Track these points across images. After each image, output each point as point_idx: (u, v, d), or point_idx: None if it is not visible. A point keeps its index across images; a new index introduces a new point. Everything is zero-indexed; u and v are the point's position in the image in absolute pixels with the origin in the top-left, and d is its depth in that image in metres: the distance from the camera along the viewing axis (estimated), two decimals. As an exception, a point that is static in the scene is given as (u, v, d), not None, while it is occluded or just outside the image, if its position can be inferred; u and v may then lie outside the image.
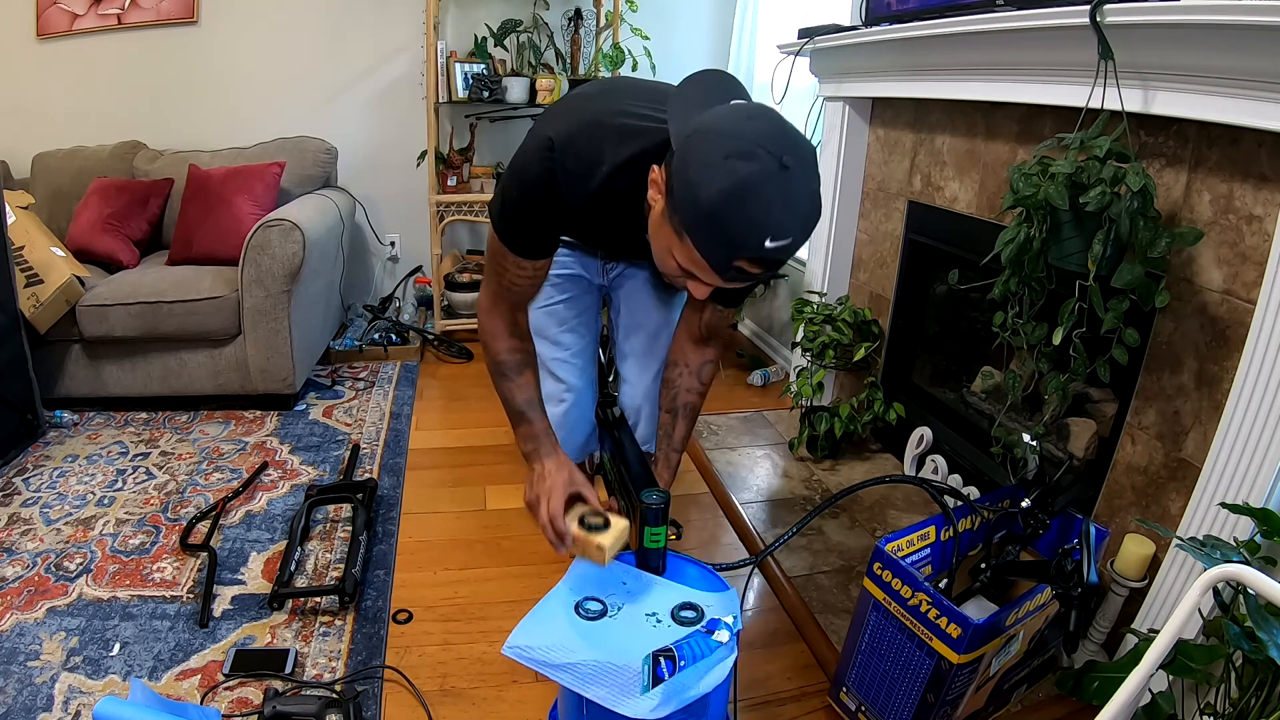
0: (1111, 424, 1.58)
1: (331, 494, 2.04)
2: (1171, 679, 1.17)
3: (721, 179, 0.84)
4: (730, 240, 0.86)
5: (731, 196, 0.84)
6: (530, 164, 1.07)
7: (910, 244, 2.21)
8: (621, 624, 1.05)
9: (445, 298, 3.29)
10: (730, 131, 0.86)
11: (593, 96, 1.15)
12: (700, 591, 1.13)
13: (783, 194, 0.85)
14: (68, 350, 2.46)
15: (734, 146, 0.84)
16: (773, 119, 0.89)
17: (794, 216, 0.87)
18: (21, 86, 3.04)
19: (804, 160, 0.87)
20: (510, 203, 1.11)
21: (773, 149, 0.84)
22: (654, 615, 1.08)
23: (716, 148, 0.85)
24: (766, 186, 0.84)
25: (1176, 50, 1.22)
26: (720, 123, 0.88)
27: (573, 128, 1.06)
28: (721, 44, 3.47)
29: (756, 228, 0.85)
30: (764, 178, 0.83)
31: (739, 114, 0.89)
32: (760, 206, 0.84)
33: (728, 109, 0.91)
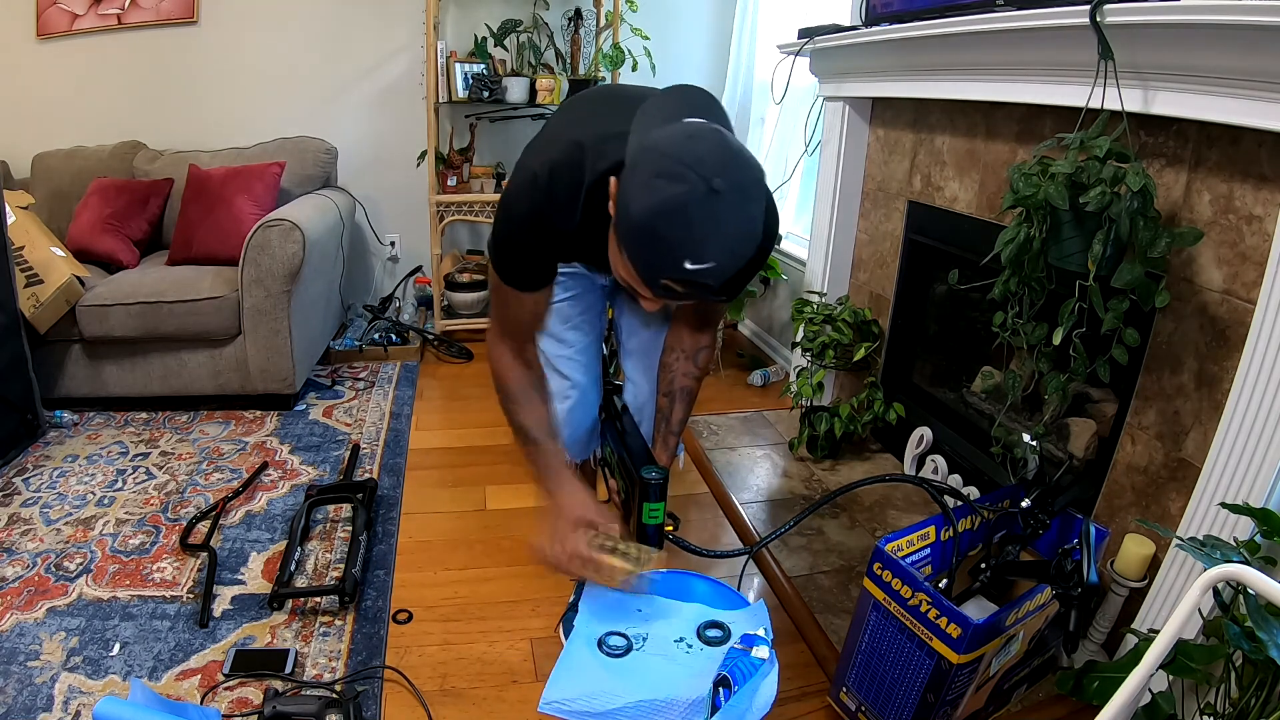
0: (1111, 424, 1.58)
1: (331, 494, 2.04)
2: (1171, 679, 1.17)
3: (648, 197, 0.85)
4: (653, 258, 0.87)
5: (655, 215, 0.84)
6: (518, 200, 1.10)
7: (910, 244, 2.21)
8: (652, 655, 1.04)
9: (445, 298, 3.29)
10: (666, 150, 0.86)
11: (572, 121, 1.17)
12: (721, 610, 1.13)
13: (707, 218, 0.84)
14: (68, 350, 2.46)
15: (664, 166, 0.84)
16: (715, 140, 0.88)
17: (718, 241, 0.85)
18: (21, 86, 3.04)
19: (741, 186, 0.86)
20: (503, 239, 1.13)
21: (704, 171, 0.83)
22: (682, 640, 1.07)
23: (650, 166, 0.86)
24: (690, 209, 0.83)
25: (1176, 50, 1.22)
26: (662, 141, 0.88)
27: (554, 157, 1.07)
28: (721, 44, 3.47)
29: (676, 249, 0.85)
30: (688, 200, 0.83)
31: (682, 133, 0.89)
32: (681, 228, 0.84)
33: (677, 127, 0.91)
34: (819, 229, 2.56)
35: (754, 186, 0.88)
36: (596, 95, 1.25)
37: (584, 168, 1.05)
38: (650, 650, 1.05)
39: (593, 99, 1.24)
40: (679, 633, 1.09)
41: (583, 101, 1.24)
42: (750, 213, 0.87)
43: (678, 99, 1.05)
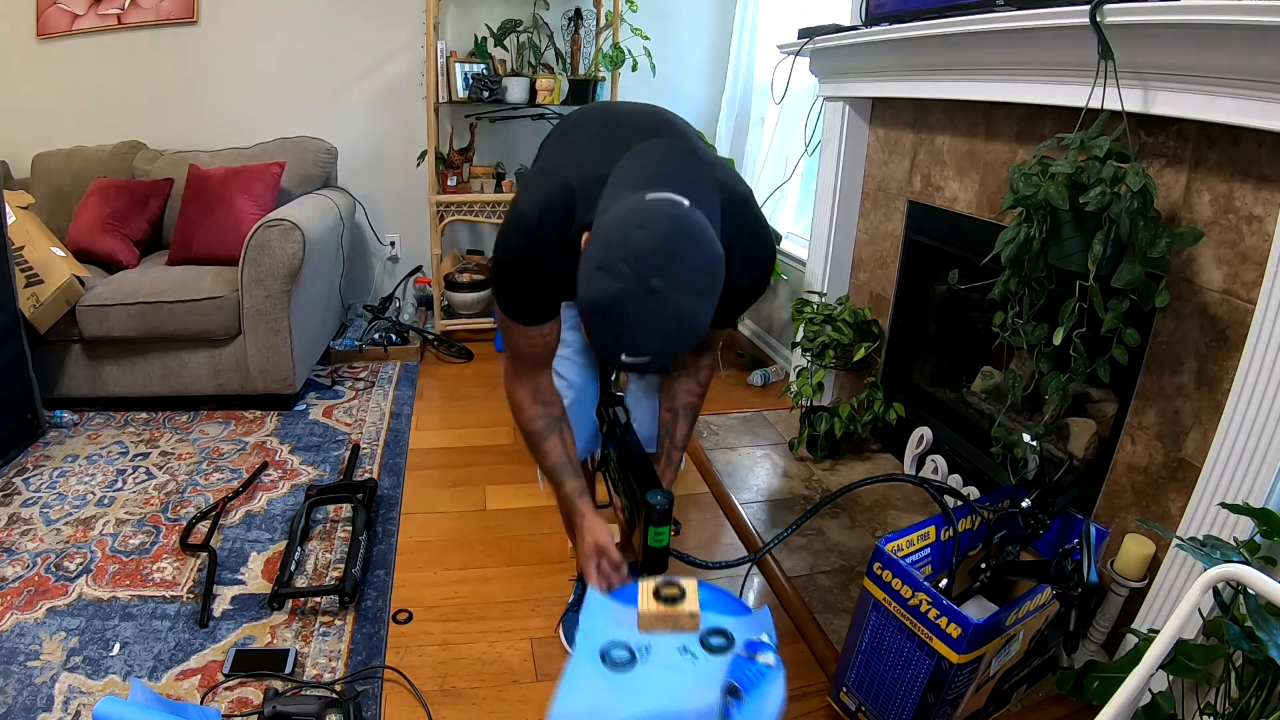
0: (1111, 424, 1.58)
1: (331, 494, 2.04)
2: (1171, 679, 1.17)
3: (589, 287, 0.87)
4: (595, 340, 0.91)
5: (594, 308, 0.87)
6: (511, 240, 1.11)
7: (910, 244, 2.21)
8: (657, 666, 1.03)
9: (445, 298, 3.29)
10: (611, 240, 0.87)
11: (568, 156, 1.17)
12: (722, 615, 1.12)
13: (642, 317, 0.85)
14: (68, 350, 2.46)
15: (606, 259, 0.86)
16: (664, 230, 0.87)
17: (652, 338, 0.87)
18: (21, 86, 3.04)
19: (682, 281, 0.86)
20: (502, 278, 1.15)
21: (643, 269, 0.84)
22: (685, 649, 1.07)
23: (595, 254, 0.88)
24: (625, 307, 0.85)
25: (1176, 50, 1.22)
26: (610, 227, 0.89)
27: (545, 199, 1.07)
28: (721, 44, 3.47)
29: (612, 341, 0.88)
30: (624, 297, 0.85)
31: (634, 220, 0.88)
32: (617, 324, 0.87)
33: (634, 208, 0.90)
34: (819, 229, 2.56)
35: (699, 279, 0.88)
36: (596, 122, 1.23)
37: (573, 211, 1.05)
38: (654, 661, 1.05)
39: (592, 126, 1.22)
40: (681, 641, 1.08)
41: (581, 130, 1.23)
42: (688, 309, 0.88)
43: (653, 160, 1.03)
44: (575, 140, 1.20)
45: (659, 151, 1.06)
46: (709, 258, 0.89)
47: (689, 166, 1.06)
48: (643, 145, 1.06)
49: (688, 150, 1.09)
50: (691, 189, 0.96)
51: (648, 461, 1.40)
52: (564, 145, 1.22)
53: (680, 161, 1.06)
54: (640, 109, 1.25)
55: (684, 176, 1.01)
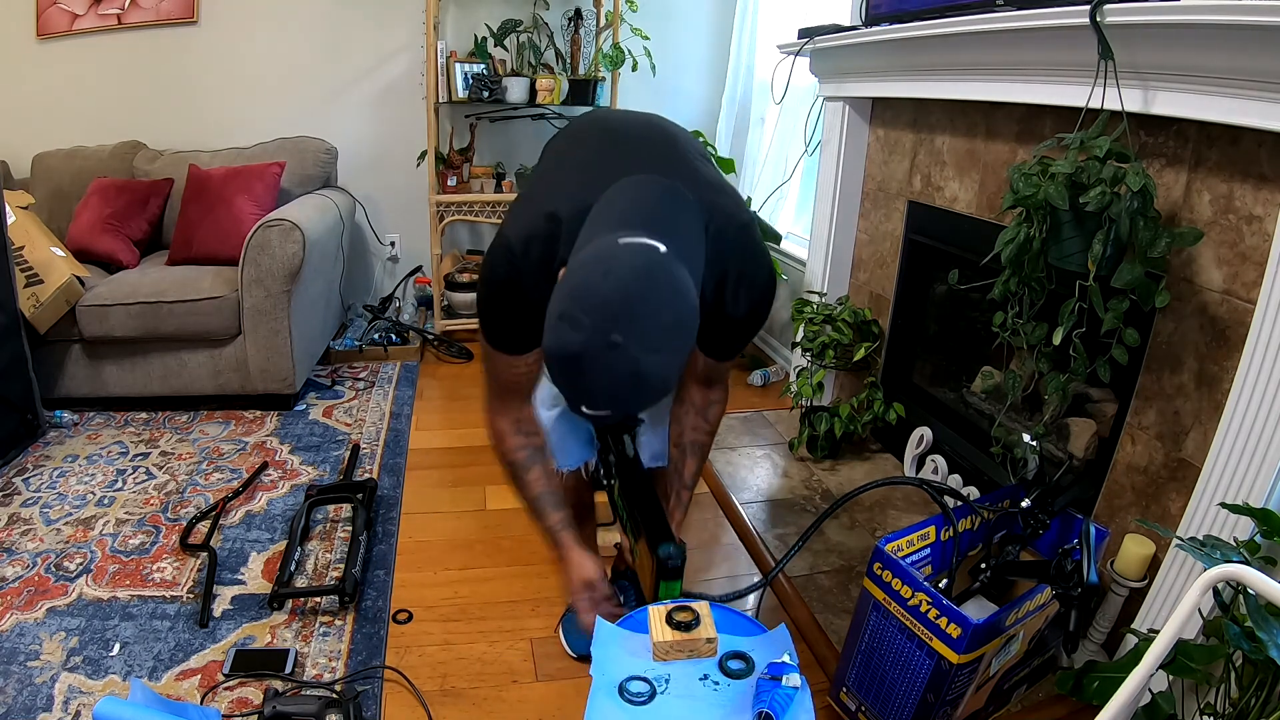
0: (1111, 424, 1.58)
1: (331, 494, 2.04)
2: (1171, 679, 1.17)
3: (551, 336, 0.85)
4: (559, 387, 0.89)
5: (554, 356, 0.85)
6: (496, 270, 1.09)
7: (910, 244, 2.21)
8: (678, 697, 1.01)
9: (445, 298, 3.29)
10: (576, 289, 0.84)
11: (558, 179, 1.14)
12: (737, 636, 1.12)
13: (600, 371, 0.83)
14: (68, 350, 2.46)
15: (568, 308, 0.84)
16: (627, 281, 0.83)
17: (612, 392, 0.85)
18: (21, 86, 3.04)
19: (644, 336, 0.82)
20: (485, 306, 1.13)
21: (604, 322, 0.81)
22: (706, 677, 1.06)
23: (560, 300, 0.85)
24: (583, 360, 0.83)
25: (1176, 50, 1.22)
26: (577, 272, 0.87)
27: (530, 229, 1.05)
28: (721, 44, 3.47)
29: (572, 392, 0.87)
30: (583, 350, 0.82)
31: (599, 265, 0.85)
32: (576, 376, 0.85)
33: (602, 255, 0.87)
34: (819, 229, 2.56)
35: (664, 335, 0.84)
36: (594, 140, 1.19)
37: (558, 242, 1.02)
38: (675, 692, 1.03)
39: (589, 145, 1.18)
40: (702, 669, 1.07)
41: (579, 148, 1.19)
42: (649, 367, 0.83)
43: (635, 197, 0.99)
44: (569, 161, 1.16)
45: (643, 188, 1.01)
46: (679, 312, 0.85)
47: (674, 206, 1.01)
48: (629, 179, 1.02)
49: (675, 187, 1.03)
50: (672, 232, 0.92)
51: (658, 506, 1.39)
52: (559, 164, 1.18)
53: (665, 200, 1.01)
54: (642, 126, 1.21)
55: (666, 217, 0.96)
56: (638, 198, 0.99)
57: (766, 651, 1.09)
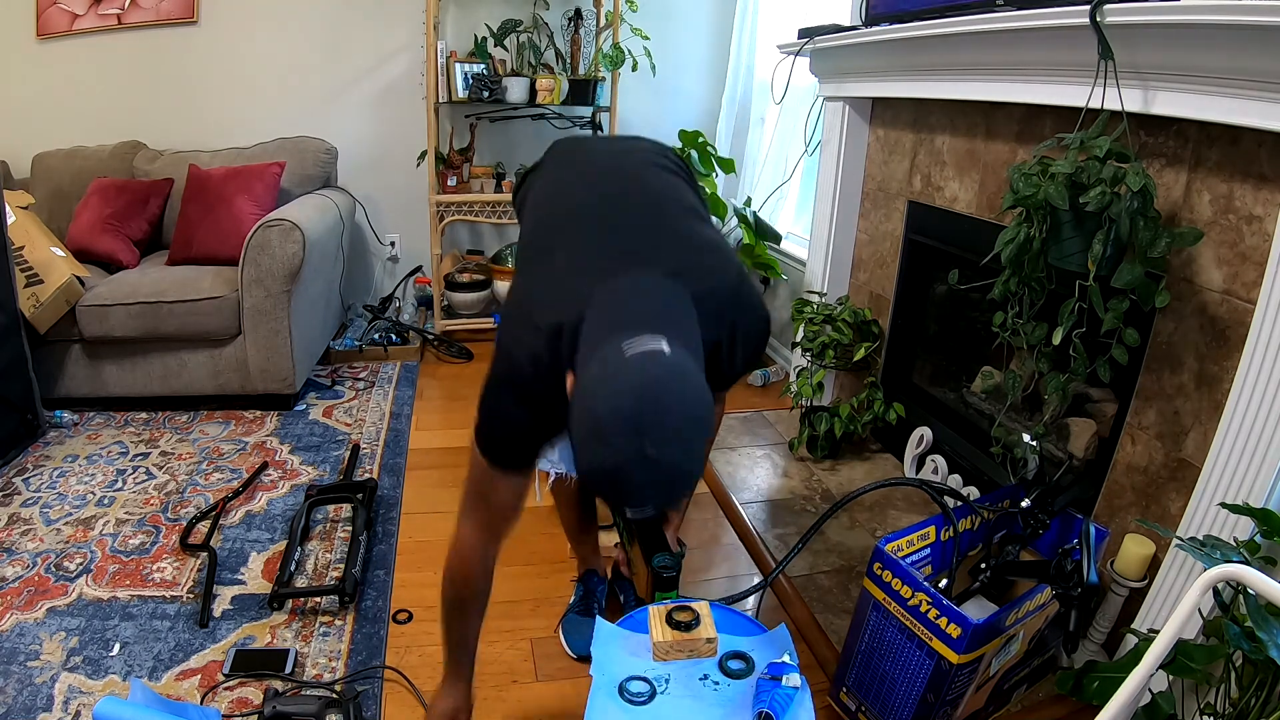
0: (1111, 424, 1.58)
1: (331, 494, 2.04)
2: (1171, 679, 1.17)
3: (585, 457, 0.88)
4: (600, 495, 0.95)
5: (593, 476, 0.88)
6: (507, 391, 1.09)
7: (910, 244, 2.21)
8: (678, 697, 1.02)
9: (445, 298, 3.29)
10: (597, 410, 0.86)
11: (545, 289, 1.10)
12: (737, 636, 1.12)
13: (640, 480, 0.85)
14: (68, 350, 2.46)
15: (595, 428, 0.86)
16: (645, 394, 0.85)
17: (654, 492, 0.88)
18: (21, 86, 3.04)
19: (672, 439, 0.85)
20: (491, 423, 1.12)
21: (634, 439, 0.83)
22: (706, 677, 1.06)
23: (583, 422, 0.87)
24: (622, 474, 0.85)
25: (1176, 50, 1.22)
26: (593, 392, 0.88)
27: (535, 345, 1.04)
28: (721, 44, 3.47)
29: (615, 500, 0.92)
30: (620, 466, 0.85)
31: (613, 382, 0.87)
32: (617, 487, 0.88)
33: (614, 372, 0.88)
34: (819, 229, 2.56)
35: (687, 431, 0.87)
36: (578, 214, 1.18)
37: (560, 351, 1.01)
38: (675, 692, 1.03)
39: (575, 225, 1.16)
40: (702, 669, 1.07)
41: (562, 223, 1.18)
42: (684, 462, 0.87)
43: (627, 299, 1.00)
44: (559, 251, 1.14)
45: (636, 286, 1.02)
46: (696, 407, 0.88)
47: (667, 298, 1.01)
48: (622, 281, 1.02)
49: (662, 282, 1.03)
50: (669, 324, 0.95)
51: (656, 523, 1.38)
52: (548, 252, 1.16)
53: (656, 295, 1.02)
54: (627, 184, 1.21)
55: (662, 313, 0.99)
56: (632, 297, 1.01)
57: (766, 651, 1.09)
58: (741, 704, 1.00)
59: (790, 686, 0.99)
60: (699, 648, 1.09)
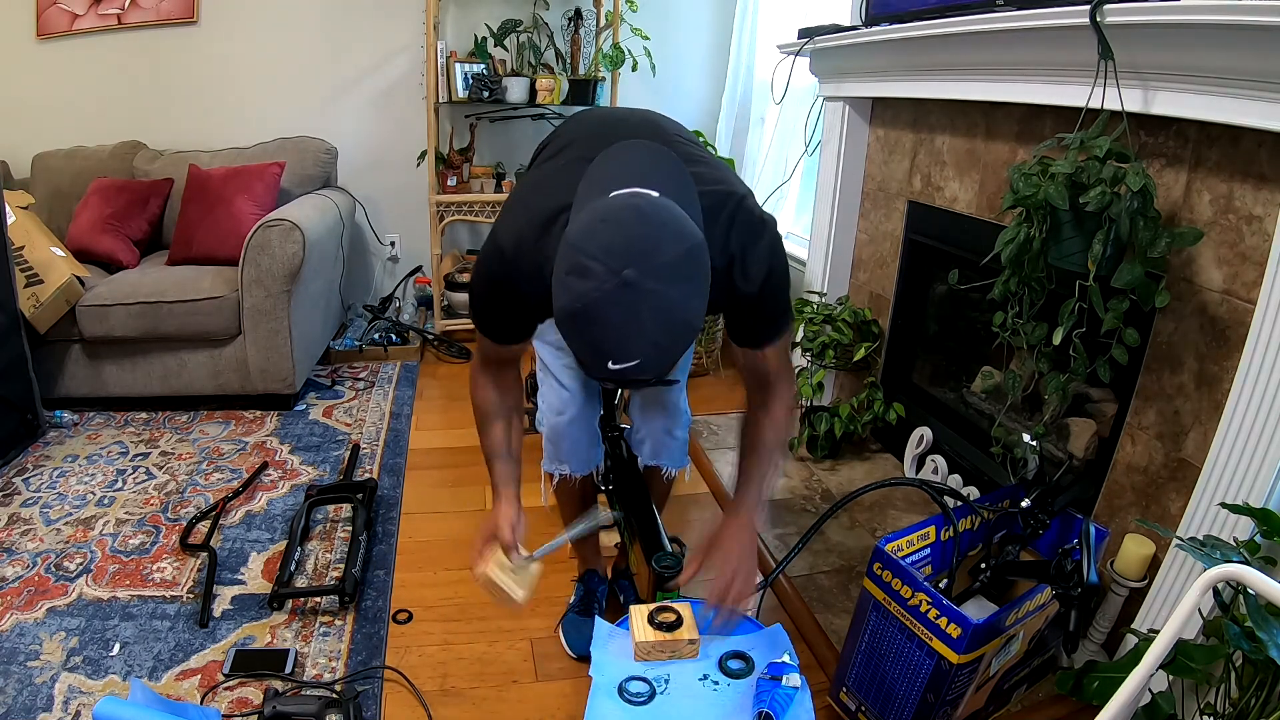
0: (1111, 424, 1.58)
1: (331, 494, 2.04)
2: (1171, 679, 1.17)
3: (562, 295, 0.81)
4: (581, 356, 0.83)
5: (569, 315, 0.80)
6: (489, 270, 1.08)
7: (910, 244, 2.21)
8: (679, 697, 1.01)
9: (445, 298, 3.29)
10: (575, 242, 0.81)
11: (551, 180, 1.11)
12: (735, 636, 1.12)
13: (622, 315, 0.78)
14: (68, 350, 2.46)
15: (574, 261, 0.79)
16: (631, 219, 0.81)
17: (639, 336, 0.79)
18: (21, 86, 3.04)
19: (658, 269, 0.78)
20: (475, 301, 1.14)
21: (612, 262, 0.77)
22: (706, 677, 1.05)
23: (564, 259, 0.81)
24: (600, 307, 0.78)
25: (1176, 50, 1.22)
26: (576, 228, 0.83)
27: (521, 230, 1.04)
28: (721, 44, 3.47)
29: (595, 350, 0.81)
30: (597, 296, 0.77)
31: (596, 216, 0.82)
32: (595, 329, 0.79)
33: (596, 208, 0.84)
34: (819, 229, 2.56)
35: (677, 266, 0.80)
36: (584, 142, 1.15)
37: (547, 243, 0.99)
38: (675, 692, 1.03)
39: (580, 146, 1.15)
40: (701, 669, 1.07)
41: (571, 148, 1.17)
42: (672, 298, 0.79)
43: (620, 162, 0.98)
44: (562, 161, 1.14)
45: (627, 152, 1.01)
46: (685, 241, 0.81)
47: (660, 163, 0.99)
48: (615, 147, 1.01)
49: (662, 150, 1.02)
50: (662, 183, 0.90)
51: (652, 512, 1.38)
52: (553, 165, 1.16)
53: (650, 160, 0.99)
54: (635, 120, 1.20)
55: (653, 173, 0.94)
56: (626, 160, 0.98)
57: (764, 650, 1.09)
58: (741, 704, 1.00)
59: (790, 686, 0.99)
60: (681, 649, 1.09)
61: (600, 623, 1.16)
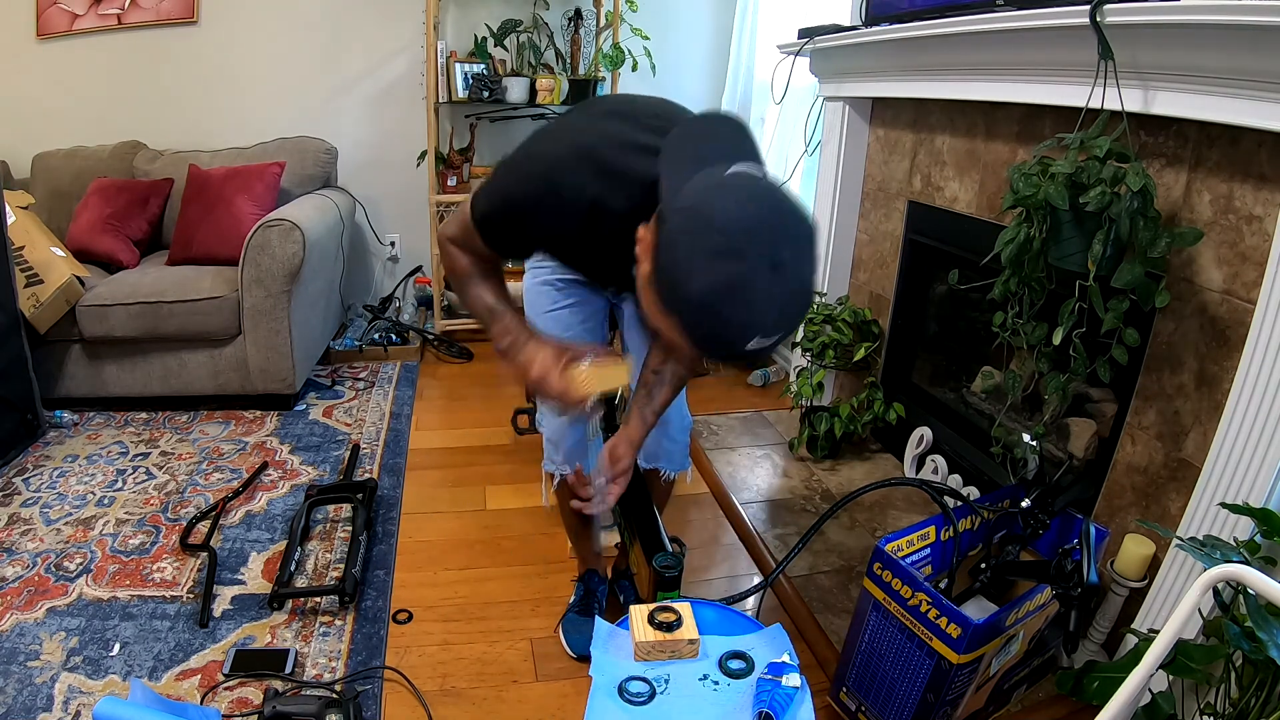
0: (1111, 424, 1.58)
1: (331, 494, 2.04)
2: (1171, 679, 1.17)
3: (708, 278, 0.79)
4: (713, 337, 0.83)
5: (717, 298, 0.79)
6: (521, 186, 1.03)
7: (910, 244, 2.21)
8: (678, 697, 1.01)
9: (445, 298, 3.29)
10: (722, 223, 0.80)
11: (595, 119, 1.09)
12: (734, 636, 1.12)
13: (771, 295, 0.79)
14: (68, 350, 2.46)
15: (723, 243, 0.79)
16: (771, 202, 0.82)
17: (782, 316, 0.81)
18: (21, 86, 3.04)
19: (800, 251, 0.81)
20: (495, 212, 1.07)
21: (766, 247, 0.78)
22: (706, 677, 1.06)
23: (705, 240, 0.80)
24: (754, 289, 0.78)
25: (1176, 50, 1.22)
26: (713, 205, 0.82)
27: (569, 157, 1.01)
28: (721, 44, 3.47)
29: (740, 330, 0.80)
30: (752, 279, 0.78)
31: (735, 195, 0.82)
32: (746, 310, 0.79)
33: (724, 184, 0.84)
34: (819, 229, 2.56)
35: (810, 245, 0.84)
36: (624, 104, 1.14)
37: (594, 184, 0.99)
38: (675, 692, 1.03)
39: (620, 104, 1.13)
40: (701, 669, 1.07)
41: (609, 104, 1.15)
42: (807, 277, 0.83)
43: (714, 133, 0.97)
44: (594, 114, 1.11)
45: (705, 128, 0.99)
46: (809, 219, 0.85)
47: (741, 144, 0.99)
48: (683, 126, 0.99)
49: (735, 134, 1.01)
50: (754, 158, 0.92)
51: (653, 513, 1.37)
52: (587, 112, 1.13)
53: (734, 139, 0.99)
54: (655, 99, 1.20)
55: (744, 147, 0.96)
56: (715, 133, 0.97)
57: (764, 650, 1.09)
58: (741, 704, 1.00)
59: (790, 686, 0.99)
60: (680, 649, 1.09)
61: (600, 623, 1.16)
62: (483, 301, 1.17)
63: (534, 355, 1.10)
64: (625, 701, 1.01)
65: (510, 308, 1.17)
